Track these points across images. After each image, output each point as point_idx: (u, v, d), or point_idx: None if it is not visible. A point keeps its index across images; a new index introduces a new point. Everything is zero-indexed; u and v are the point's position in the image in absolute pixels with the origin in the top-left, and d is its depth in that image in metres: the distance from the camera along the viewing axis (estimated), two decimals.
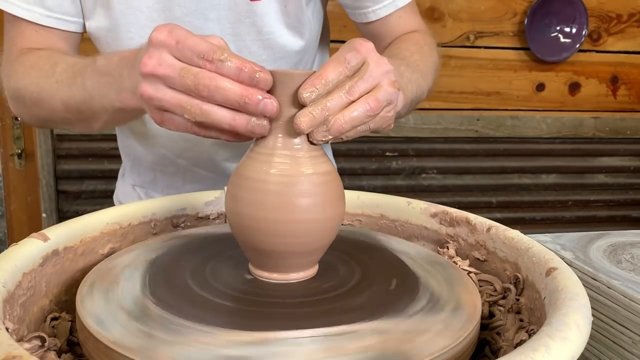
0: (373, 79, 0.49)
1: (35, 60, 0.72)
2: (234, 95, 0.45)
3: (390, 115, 0.53)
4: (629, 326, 0.57)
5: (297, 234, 0.47)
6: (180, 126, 0.49)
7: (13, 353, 0.34)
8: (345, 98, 0.47)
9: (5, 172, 1.72)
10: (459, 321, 0.44)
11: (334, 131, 0.47)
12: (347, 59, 0.48)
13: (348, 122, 0.47)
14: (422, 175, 1.95)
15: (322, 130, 0.47)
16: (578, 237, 0.73)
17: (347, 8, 0.86)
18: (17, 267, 0.47)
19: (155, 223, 0.64)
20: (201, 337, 0.40)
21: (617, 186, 2.10)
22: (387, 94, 0.50)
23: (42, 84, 0.68)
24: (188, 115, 0.46)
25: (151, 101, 0.48)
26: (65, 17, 0.76)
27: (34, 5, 0.74)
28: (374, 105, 0.48)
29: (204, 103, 0.46)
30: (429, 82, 0.77)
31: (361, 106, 0.48)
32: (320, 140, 0.48)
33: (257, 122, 0.46)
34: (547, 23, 1.88)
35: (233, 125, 0.46)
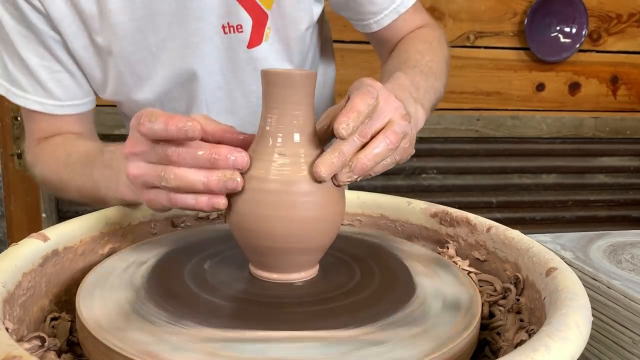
0: (384, 117, 0.50)
1: (53, 149, 0.76)
2: (203, 154, 0.46)
3: (408, 146, 0.54)
4: (629, 326, 0.57)
5: (297, 234, 0.47)
6: (163, 200, 0.50)
7: (13, 353, 0.34)
8: (359, 141, 0.48)
9: (5, 172, 1.72)
10: (458, 323, 0.44)
11: (358, 170, 0.48)
12: (369, 92, 0.49)
13: (371, 159, 0.48)
14: (422, 175, 1.95)
15: (346, 172, 0.48)
16: (578, 237, 0.73)
17: (351, 20, 0.86)
18: (17, 267, 0.47)
19: (155, 223, 0.64)
20: (201, 337, 0.40)
21: (617, 186, 2.10)
22: (400, 127, 0.50)
23: (60, 174, 0.72)
24: (164, 182, 0.47)
25: (136, 180, 0.50)
26: (75, 101, 0.79)
27: (45, 98, 0.76)
28: (393, 139, 0.49)
29: (177, 168, 0.47)
30: (444, 80, 0.77)
31: (381, 141, 0.49)
32: (346, 181, 0.48)
33: (229, 176, 0.46)
34: (547, 23, 1.88)
35: (206, 183, 0.46)
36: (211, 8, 0.73)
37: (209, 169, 0.47)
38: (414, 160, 1.93)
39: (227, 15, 0.74)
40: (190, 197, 0.48)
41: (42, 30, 0.72)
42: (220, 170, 0.46)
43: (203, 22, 0.74)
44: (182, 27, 0.74)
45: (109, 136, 0.89)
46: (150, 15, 0.72)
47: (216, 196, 0.47)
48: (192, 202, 0.48)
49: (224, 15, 0.74)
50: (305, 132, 0.48)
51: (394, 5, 0.81)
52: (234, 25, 0.75)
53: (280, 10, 0.75)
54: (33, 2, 0.70)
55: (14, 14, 0.71)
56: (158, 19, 0.73)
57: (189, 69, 0.77)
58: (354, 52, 1.76)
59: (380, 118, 0.50)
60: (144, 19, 0.72)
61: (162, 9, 0.72)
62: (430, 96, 0.70)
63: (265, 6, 0.74)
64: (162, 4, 0.72)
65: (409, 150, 0.55)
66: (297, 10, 0.76)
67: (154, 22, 0.73)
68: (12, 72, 0.75)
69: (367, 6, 0.80)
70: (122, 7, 0.71)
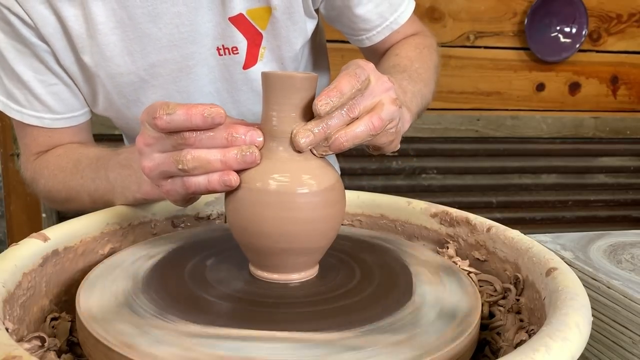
0: (374, 96, 0.50)
1: (57, 160, 0.74)
2: (223, 134, 0.46)
3: (392, 132, 0.54)
4: (629, 326, 0.57)
5: (297, 234, 0.47)
6: (178, 188, 0.49)
7: (13, 353, 0.34)
8: (346, 116, 0.48)
9: (5, 172, 1.72)
10: (447, 332, 0.44)
11: (334, 147, 0.48)
12: (357, 74, 0.48)
13: (350, 139, 0.48)
14: (422, 175, 1.95)
15: (323, 146, 0.48)
16: (578, 237, 0.73)
17: (344, 33, 0.86)
18: (17, 267, 0.47)
19: (155, 223, 0.64)
20: (201, 337, 0.40)
21: (617, 186, 2.10)
22: (389, 112, 0.50)
23: (68, 183, 0.70)
24: (181, 165, 0.47)
25: (151, 172, 0.50)
26: (73, 113, 0.77)
27: (43, 112, 0.75)
28: (377, 124, 0.49)
29: (194, 149, 0.47)
30: (432, 88, 0.77)
31: (364, 124, 0.48)
32: (320, 154, 0.48)
33: (246, 150, 0.46)
34: (547, 23, 1.88)
35: (224, 160, 0.46)
36: (205, 31, 0.72)
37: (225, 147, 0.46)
38: (414, 160, 1.93)
39: (222, 37, 0.73)
40: (202, 178, 0.47)
41: (34, 44, 0.70)
42: (236, 146, 0.46)
43: (197, 45, 0.73)
44: (175, 52, 0.73)
45: (108, 136, 0.88)
46: (140, 37, 0.71)
47: (227, 173, 0.47)
48: (204, 182, 0.47)
49: (218, 38, 0.73)
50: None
51: (387, 23, 0.81)
52: (229, 47, 0.74)
53: (275, 31, 0.75)
54: (23, 17, 0.68)
55: (6, 29, 0.70)
56: (149, 42, 0.71)
57: (183, 91, 0.76)
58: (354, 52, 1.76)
59: (370, 97, 0.49)
60: (134, 41, 0.71)
61: (153, 32, 0.71)
62: (417, 101, 0.70)
63: (260, 27, 0.74)
64: (152, 27, 0.70)
65: (391, 138, 0.55)
66: (291, 30, 0.75)
67: (144, 45, 0.72)
68: (8, 87, 0.74)
69: (359, 24, 0.80)
70: (112, 27, 0.70)
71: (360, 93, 0.49)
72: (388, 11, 0.80)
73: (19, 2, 0.67)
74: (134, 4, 0.69)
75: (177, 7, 0.70)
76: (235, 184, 0.47)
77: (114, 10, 0.69)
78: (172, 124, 0.46)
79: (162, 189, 0.51)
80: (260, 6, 0.72)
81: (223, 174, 0.47)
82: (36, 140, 0.77)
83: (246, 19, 0.73)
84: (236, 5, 0.71)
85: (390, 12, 0.80)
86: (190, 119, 0.45)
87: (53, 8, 0.68)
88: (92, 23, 0.69)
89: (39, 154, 0.78)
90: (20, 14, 0.68)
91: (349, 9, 0.78)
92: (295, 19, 0.74)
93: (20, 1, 0.67)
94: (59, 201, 0.75)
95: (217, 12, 0.72)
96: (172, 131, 0.47)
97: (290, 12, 0.74)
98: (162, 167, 0.48)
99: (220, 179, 0.47)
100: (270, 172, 0.47)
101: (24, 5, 0.68)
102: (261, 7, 0.73)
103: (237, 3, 0.71)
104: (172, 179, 0.49)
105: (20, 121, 0.76)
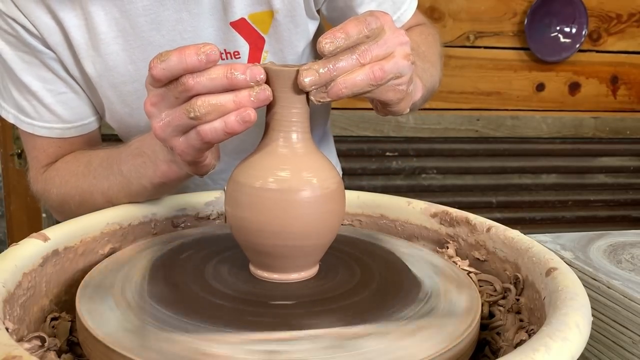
0: (387, 47, 0.48)
1: (66, 166, 0.73)
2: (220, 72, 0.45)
3: (402, 89, 0.51)
4: (629, 326, 0.57)
5: (297, 234, 0.47)
6: (193, 141, 0.48)
7: (13, 353, 0.34)
8: (356, 61, 0.46)
9: (5, 172, 1.72)
10: (458, 322, 0.44)
11: (332, 94, 0.46)
12: (367, 21, 0.47)
13: (349, 87, 0.46)
14: (422, 175, 1.95)
15: (321, 92, 0.46)
16: (578, 237, 0.73)
17: None
18: (17, 267, 0.47)
19: (155, 223, 0.64)
20: (200, 338, 0.40)
21: (617, 186, 2.10)
22: (397, 65, 0.48)
23: (81, 186, 0.69)
24: (192, 113, 0.46)
25: (164, 131, 0.49)
26: (84, 121, 0.77)
27: (54, 122, 0.74)
28: (378, 75, 0.47)
29: (201, 96, 0.46)
30: (439, 72, 0.76)
31: (365, 73, 0.46)
32: (317, 100, 0.47)
33: (258, 89, 0.45)
34: (547, 23, 1.88)
35: (237, 100, 0.45)
36: (207, 37, 0.72)
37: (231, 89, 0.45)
38: (414, 160, 1.93)
39: (224, 42, 0.73)
40: (218, 122, 0.46)
41: (42, 51, 0.70)
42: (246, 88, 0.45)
43: None
44: None
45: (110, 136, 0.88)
46: (143, 46, 0.71)
47: (243, 109, 0.45)
48: (221, 126, 0.46)
49: (220, 43, 0.73)
50: (303, 132, 0.48)
51: None
52: (230, 52, 0.74)
53: (277, 34, 0.74)
54: (28, 28, 0.68)
55: (12, 41, 0.69)
56: (152, 50, 0.71)
57: None
58: None
59: (384, 46, 0.48)
60: (137, 50, 0.71)
61: (156, 40, 0.71)
62: (427, 76, 0.67)
63: (262, 31, 0.74)
64: (155, 35, 0.70)
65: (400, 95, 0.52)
66: (294, 33, 0.75)
67: (146, 53, 0.71)
68: (17, 99, 0.73)
69: None
70: (114, 37, 0.70)
71: (374, 41, 0.47)
72: (391, 9, 0.78)
73: (24, 13, 0.67)
74: (137, 12, 0.69)
75: (179, 13, 0.70)
76: (254, 119, 0.46)
77: (116, 19, 0.69)
78: (167, 70, 0.45)
79: (177, 150, 0.49)
80: (262, 10, 0.72)
81: (240, 112, 0.45)
82: (46, 151, 0.76)
83: (248, 24, 0.73)
84: (238, 10, 0.71)
85: (394, 11, 0.79)
86: (184, 59, 0.44)
87: (57, 19, 0.68)
88: (94, 33, 0.69)
89: (48, 166, 0.77)
90: (26, 24, 0.68)
91: (351, 9, 0.77)
92: (298, 21, 0.74)
93: (25, 12, 0.67)
94: (73, 208, 0.72)
95: (218, 18, 0.72)
96: (170, 80, 0.46)
97: (293, 14, 0.73)
98: (174, 122, 0.47)
99: (237, 117, 0.45)
100: (270, 171, 0.47)
101: (29, 16, 0.68)
102: (263, 12, 0.72)
103: (238, 8, 0.71)
104: (185, 135, 0.48)
105: (31, 133, 0.75)
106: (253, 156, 0.49)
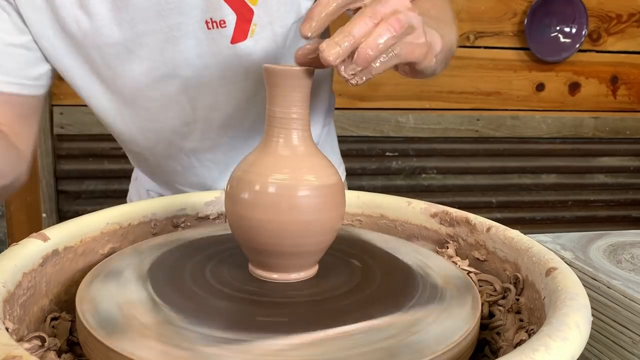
0: (389, 5, 0.47)
1: None
2: None
3: (421, 42, 0.50)
4: (629, 326, 0.57)
5: (297, 235, 0.47)
6: None
7: (13, 353, 0.34)
8: (371, 22, 0.45)
9: None
10: (461, 309, 0.44)
11: (361, 61, 0.45)
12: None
13: (374, 48, 0.45)
14: (422, 175, 1.95)
15: (350, 64, 0.45)
16: (578, 237, 0.73)
17: None
18: (17, 267, 0.47)
19: (155, 223, 0.64)
20: (200, 337, 0.40)
21: (617, 186, 2.10)
22: (407, 16, 0.47)
23: None
24: None
25: None
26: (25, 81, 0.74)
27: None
28: (396, 26, 0.45)
29: None
30: (455, 32, 0.74)
31: (383, 29, 0.45)
32: (351, 75, 0.46)
33: None
34: (547, 23, 1.89)
35: None
36: (192, 3, 0.72)
37: None
38: (414, 160, 1.93)
39: (210, 10, 0.73)
40: None
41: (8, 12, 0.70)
42: None
43: (184, 16, 0.72)
44: (161, 22, 0.72)
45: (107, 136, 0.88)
46: (128, 7, 0.71)
47: None
48: None
49: (206, 11, 0.73)
50: (303, 131, 0.48)
51: None
52: (216, 21, 0.73)
53: (267, 7, 0.74)
54: None
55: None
56: (136, 12, 0.71)
57: (169, 63, 0.75)
58: None
59: (386, 5, 0.47)
60: (122, 10, 0.71)
61: (141, 2, 0.71)
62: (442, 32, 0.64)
63: (251, 2, 0.73)
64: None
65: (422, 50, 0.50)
66: (283, 5, 0.74)
67: (131, 15, 0.71)
68: None
69: None
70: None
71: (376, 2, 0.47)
72: None
73: None
74: None
75: None
76: None
77: None
78: None
79: None
80: None
81: None
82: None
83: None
84: None
85: None
86: None
87: None
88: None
89: None
90: None
91: None
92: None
93: None
94: None
95: None
96: None
97: None
98: None
99: None
100: (270, 170, 0.47)
101: None
102: None
103: None
104: None
105: None
106: (253, 155, 0.49)
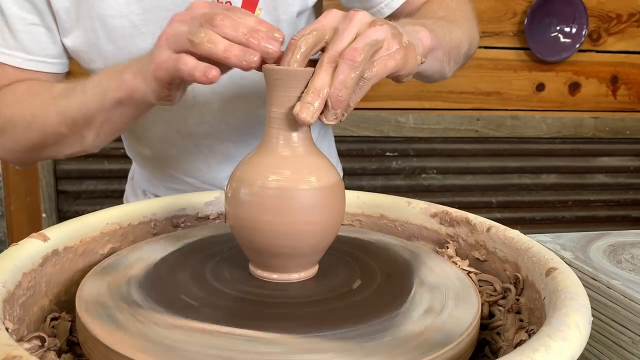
0: (347, 34, 0.47)
1: (26, 88, 0.72)
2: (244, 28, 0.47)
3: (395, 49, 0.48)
4: (629, 326, 0.57)
5: (297, 235, 0.47)
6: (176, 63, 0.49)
7: (13, 353, 0.34)
8: (330, 68, 0.45)
9: (5, 172, 1.72)
10: (461, 310, 0.44)
11: (336, 105, 0.45)
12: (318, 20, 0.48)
13: (341, 90, 0.45)
14: (422, 175, 1.95)
15: (328, 112, 0.45)
16: (578, 237, 0.73)
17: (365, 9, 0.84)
18: (17, 267, 0.47)
19: (155, 223, 0.64)
20: (201, 337, 0.40)
21: (617, 186, 2.10)
22: (366, 37, 0.47)
23: (36, 104, 0.69)
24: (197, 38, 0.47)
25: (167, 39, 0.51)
26: (47, 59, 0.76)
27: (15, 50, 0.73)
28: (355, 56, 0.45)
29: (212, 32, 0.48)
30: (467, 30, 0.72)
31: (343, 67, 0.45)
32: (333, 120, 0.46)
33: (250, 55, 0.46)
34: (547, 23, 1.88)
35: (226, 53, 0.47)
36: None
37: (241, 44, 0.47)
38: (413, 160, 1.93)
39: None
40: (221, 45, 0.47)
41: None
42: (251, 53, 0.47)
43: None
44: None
45: None
46: None
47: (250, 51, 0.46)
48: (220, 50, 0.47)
49: None
50: (303, 131, 0.48)
51: None
52: (222, 2, 0.73)
53: None
54: None
55: None
56: None
57: None
58: None
59: (343, 36, 0.47)
60: None
61: None
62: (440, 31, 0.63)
63: None
64: None
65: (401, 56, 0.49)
66: None
67: None
68: None
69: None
70: None
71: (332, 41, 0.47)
72: None
73: None
74: None
75: None
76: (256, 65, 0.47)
77: None
78: None
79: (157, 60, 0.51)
80: None
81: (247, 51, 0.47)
82: (6, 74, 0.74)
83: None
84: None
85: None
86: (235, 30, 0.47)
87: None
88: None
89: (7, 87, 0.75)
90: None
91: None
92: None
93: None
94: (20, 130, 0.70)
95: None
96: None
97: None
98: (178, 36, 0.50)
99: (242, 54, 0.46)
100: (270, 170, 0.47)
101: None
102: None
103: None
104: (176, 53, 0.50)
105: None
106: (253, 155, 0.49)
